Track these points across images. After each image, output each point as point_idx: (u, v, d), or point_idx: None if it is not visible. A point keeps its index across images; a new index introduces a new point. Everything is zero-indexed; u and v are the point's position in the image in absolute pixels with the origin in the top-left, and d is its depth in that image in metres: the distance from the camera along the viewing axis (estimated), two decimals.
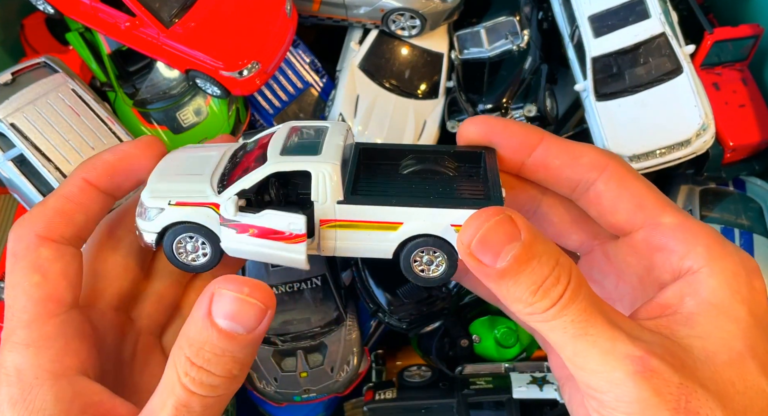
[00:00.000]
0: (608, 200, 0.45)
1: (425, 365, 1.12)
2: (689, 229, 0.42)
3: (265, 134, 0.47)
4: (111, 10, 0.58)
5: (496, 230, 0.38)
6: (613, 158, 0.46)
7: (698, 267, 0.40)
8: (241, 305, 0.39)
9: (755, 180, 1.10)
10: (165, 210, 0.43)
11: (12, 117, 0.93)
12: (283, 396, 1.07)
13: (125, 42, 0.61)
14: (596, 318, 0.37)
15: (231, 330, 0.39)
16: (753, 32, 1.04)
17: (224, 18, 0.54)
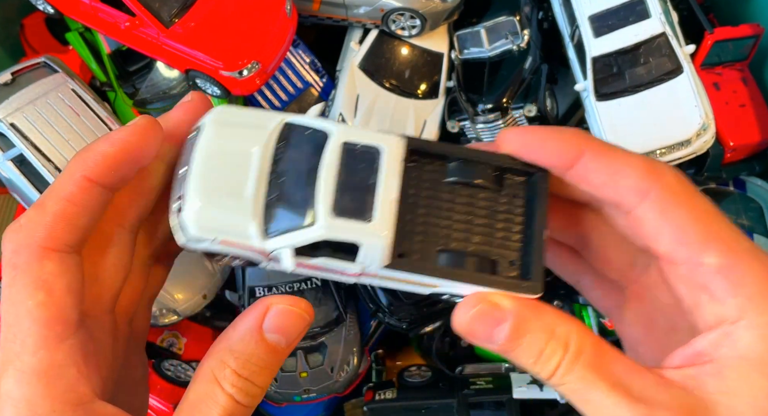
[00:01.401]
0: (648, 229, 0.41)
1: (425, 365, 1.12)
2: (734, 272, 0.38)
3: (312, 128, 0.42)
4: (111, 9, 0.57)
5: (481, 320, 0.40)
6: (660, 178, 0.41)
7: (737, 318, 0.38)
8: (292, 318, 0.41)
9: (755, 180, 1.10)
10: (209, 242, 0.42)
11: (12, 117, 0.93)
12: (283, 396, 1.07)
13: (125, 42, 0.60)
14: (597, 383, 0.37)
15: (276, 343, 0.40)
16: (753, 32, 1.04)
17: (224, 18, 0.53)
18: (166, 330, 1.13)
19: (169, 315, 1.01)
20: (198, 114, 0.46)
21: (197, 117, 0.45)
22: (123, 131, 0.42)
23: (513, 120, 1.09)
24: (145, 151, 0.42)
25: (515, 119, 1.09)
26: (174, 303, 1.00)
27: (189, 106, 0.46)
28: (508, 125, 1.09)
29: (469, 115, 1.09)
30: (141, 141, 0.42)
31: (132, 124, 0.43)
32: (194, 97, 0.47)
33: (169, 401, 1.04)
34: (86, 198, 0.40)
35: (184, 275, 1.02)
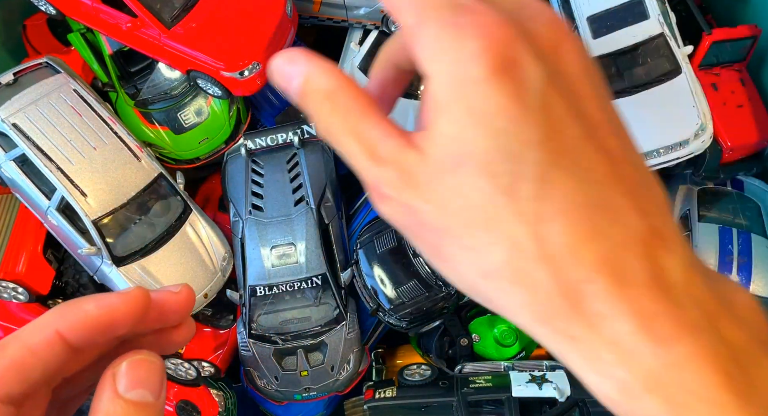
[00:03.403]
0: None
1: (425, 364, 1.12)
2: (422, 23, 0.36)
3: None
4: (112, 11, 0.57)
5: (277, 75, 0.39)
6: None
7: (428, 72, 0.37)
8: (146, 368, 0.38)
9: (753, 180, 1.11)
10: None
11: (14, 117, 0.93)
12: (284, 395, 1.08)
13: (126, 42, 0.61)
14: (348, 148, 0.38)
15: (141, 399, 0.37)
16: (751, 33, 1.04)
17: (225, 19, 0.54)
18: None
19: None
20: (183, 312, 0.43)
21: (180, 313, 0.43)
22: (115, 297, 0.40)
23: None
24: (126, 319, 0.40)
25: None
26: None
27: (178, 299, 0.43)
28: None
29: None
30: (128, 312, 0.40)
31: (126, 293, 0.41)
32: (186, 293, 0.43)
33: (171, 399, 1.05)
34: (48, 353, 0.38)
35: (185, 275, 1.02)
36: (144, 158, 1.00)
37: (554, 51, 0.36)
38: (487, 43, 0.34)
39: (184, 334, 0.44)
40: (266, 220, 1.07)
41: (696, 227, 1.05)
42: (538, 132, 0.34)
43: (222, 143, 1.10)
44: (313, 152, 1.11)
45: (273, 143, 1.11)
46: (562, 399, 0.98)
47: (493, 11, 0.35)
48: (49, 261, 1.07)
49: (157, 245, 1.01)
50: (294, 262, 1.05)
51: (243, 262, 1.07)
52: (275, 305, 1.06)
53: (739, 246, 1.02)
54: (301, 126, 1.11)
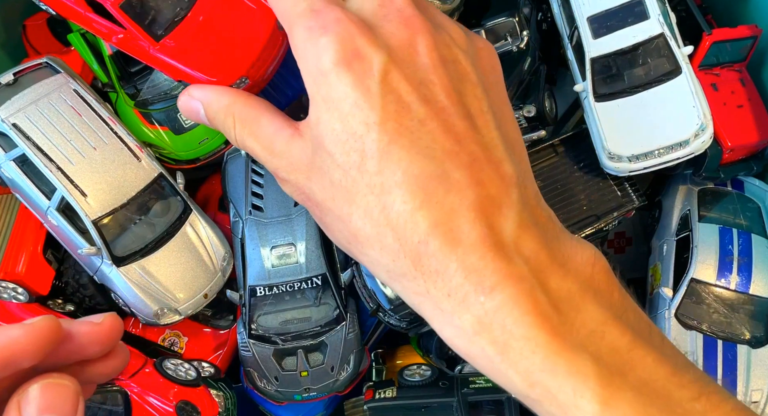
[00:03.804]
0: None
1: (425, 364, 1.12)
2: (290, 32, 0.44)
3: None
4: (104, 21, 0.57)
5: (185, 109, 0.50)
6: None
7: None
8: (54, 391, 0.36)
9: (753, 180, 1.11)
10: None
11: (14, 117, 0.93)
12: (284, 395, 1.08)
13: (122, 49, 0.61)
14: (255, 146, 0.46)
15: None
16: (751, 33, 1.04)
17: (214, 32, 0.54)
18: (167, 330, 1.14)
19: (170, 314, 1.02)
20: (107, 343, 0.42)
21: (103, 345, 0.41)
22: (17, 329, 0.37)
23: None
24: (32, 356, 0.37)
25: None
26: (175, 303, 1.01)
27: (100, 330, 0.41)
28: None
29: None
30: (31, 344, 0.37)
31: (30, 324, 0.38)
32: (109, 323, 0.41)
33: (170, 400, 1.05)
34: None
35: (185, 275, 1.02)
36: (144, 158, 1.00)
37: (407, 45, 0.41)
38: (331, 38, 0.40)
39: (113, 364, 0.43)
40: (266, 220, 1.06)
41: (696, 227, 1.05)
42: (377, 114, 0.38)
43: (222, 143, 1.10)
44: None
45: None
46: None
47: (340, 12, 0.41)
48: (49, 261, 1.07)
49: (157, 246, 1.01)
50: (294, 262, 1.05)
51: (243, 262, 1.07)
52: (275, 306, 1.06)
53: (740, 246, 1.02)
54: None
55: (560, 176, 1.09)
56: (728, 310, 0.99)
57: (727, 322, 0.98)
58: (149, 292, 0.99)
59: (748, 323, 0.98)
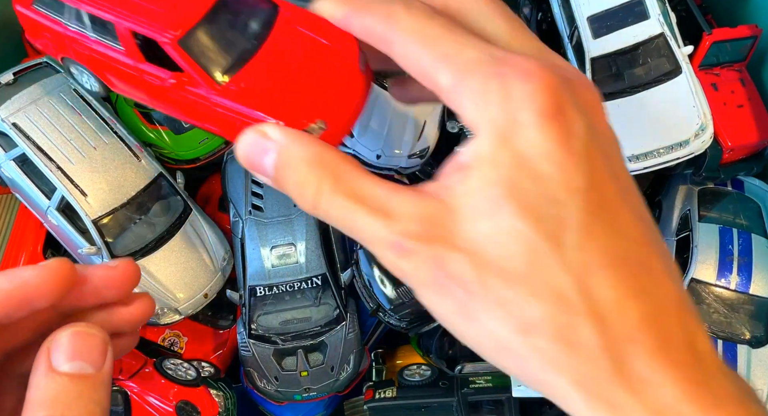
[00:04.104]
0: (406, 67, 0.40)
1: (425, 364, 1.12)
2: (462, 84, 0.36)
3: None
4: (155, 67, 0.47)
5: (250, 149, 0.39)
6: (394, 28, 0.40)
7: (476, 122, 0.36)
8: (83, 338, 0.36)
9: (753, 180, 1.11)
10: None
11: (14, 117, 0.93)
12: (284, 395, 1.08)
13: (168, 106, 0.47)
14: (357, 210, 0.36)
15: (80, 371, 0.35)
16: (751, 33, 1.04)
17: (285, 73, 0.43)
18: (167, 329, 1.14)
19: (171, 314, 1.01)
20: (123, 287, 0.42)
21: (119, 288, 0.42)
22: (30, 269, 0.39)
23: None
24: (42, 292, 0.38)
25: None
26: (175, 303, 1.01)
27: (114, 274, 0.42)
28: None
29: None
30: (40, 283, 0.38)
31: (44, 265, 0.39)
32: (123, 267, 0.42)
33: (170, 400, 1.05)
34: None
35: (185, 275, 1.02)
36: (144, 158, 1.00)
37: (591, 109, 0.35)
38: (535, 87, 0.34)
39: (137, 312, 0.43)
40: (266, 220, 1.06)
41: (696, 227, 1.05)
42: (583, 180, 0.33)
43: (222, 143, 1.10)
44: None
45: None
46: None
47: (534, 60, 0.35)
48: None
49: (157, 245, 1.01)
50: (294, 262, 1.05)
51: (243, 262, 1.07)
52: (275, 306, 1.06)
53: (740, 246, 1.01)
54: None
55: None
56: (728, 310, 0.99)
57: (727, 322, 0.98)
58: (149, 292, 0.99)
59: (748, 323, 0.98)
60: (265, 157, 0.38)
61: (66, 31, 0.48)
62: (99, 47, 0.46)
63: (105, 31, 0.46)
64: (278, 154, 0.38)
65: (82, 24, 0.47)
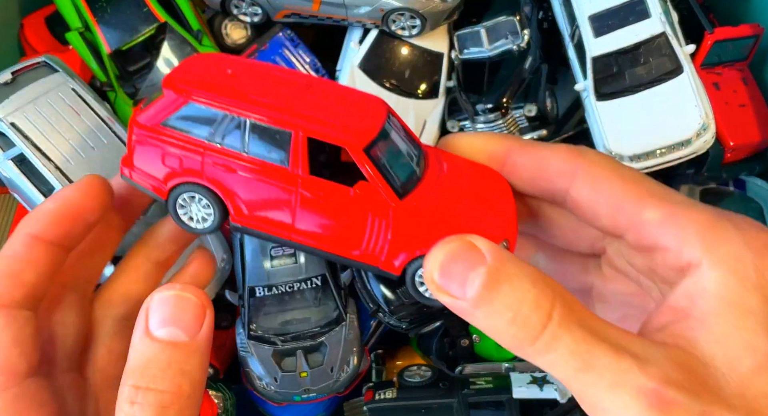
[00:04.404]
0: (586, 207, 0.41)
1: (425, 365, 1.12)
2: (675, 220, 0.37)
3: None
4: (328, 183, 0.42)
5: (456, 257, 0.35)
6: (582, 159, 0.41)
7: (698, 260, 0.35)
8: (177, 303, 0.37)
9: (755, 180, 1.10)
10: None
11: (12, 116, 0.93)
12: (283, 396, 1.07)
13: (315, 226, 0.43)
14: (598, 345, 0.32)
15: (172, 338, 0.36)
16: (753, 32, 1.04)
17: (458, 196, 0.42)
18: None
19: None
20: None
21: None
22: (67, 188, 0.42)
23: (513, 120, 1.09)
24: (89, 207, 0.41)
25: (515, 119, 1.09)
26: None
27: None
28: (509, 125, 1.09)
29: (469, 115, 1.09)
30: (83, 197, 0.41)
31: (77, 181, 0.43)
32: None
33: None
34: (30, 254, 0.41)
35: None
36: None
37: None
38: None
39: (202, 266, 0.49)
40: None
41: None
42: None
43: None
44: None
45: None
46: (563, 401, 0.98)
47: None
48: None
49: None
50: (293, 263, 1.05)
51: (242, 263, 1.06)
52: (274, 306, 1.06)
53: None
54: None
55: None
56: None
57: None
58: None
59: None
60: (472, 271, 0.34)
61: (207, 151, 0.41)
62: (250, 165, 0.41)
63: (268, 145, 0.41)
64: (491, 269, 0.34)
65: (236, 140, 0.41)
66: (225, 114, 0.41)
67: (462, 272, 0.34)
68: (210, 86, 0.41)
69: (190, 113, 0.41)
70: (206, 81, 0.41)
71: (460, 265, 0.34)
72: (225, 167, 0.41)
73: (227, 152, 0.41)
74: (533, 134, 1.08)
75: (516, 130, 1.09)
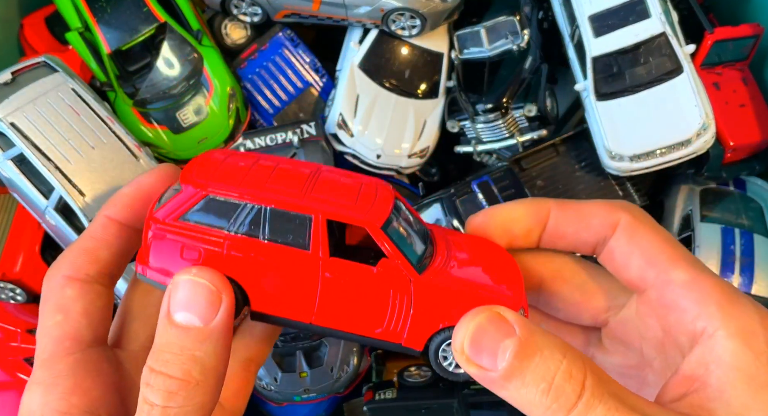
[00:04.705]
0: (620, 256, 0.43)
1: (425, 365, 1.11)
2: (700, 285, 0.39)
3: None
4: (352, 263, 0.43)
5: (486, 328, 0.35)
6: (624, 211, 0.44)
7: (713, 329, 0.38)
8: (191, 288, 0.38)
9: (756, 180, 1.10)
10: None
11: (12, 116, 0.93)
12: (284, 396, 1.07)
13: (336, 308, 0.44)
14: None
15: (187, 323, 0.37)
16: (753, 32, 1.04)
17: (470, 270, 0.45)
18: None
19: None
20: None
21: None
22: (143, 174, 0.45)
23: (513, 120, 1.09)
24: (159, 190, 0.44)
25: (515, 119, 1.09)
26: None
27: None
28: (509, 125, 1.09)
29: (469, 115, 1.09)
30: (155, 183, 0.44)
31: (153, 168, 0.46)
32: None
33: None
34: (105, 234, 0.44)
35: None
36: (142, 158, 1.00)
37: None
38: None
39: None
40: None
41: (698, 227, 1.04)
42: None
43: (221, 142, 1.10)
44: (312, 152, 1.10)
45: (272, 143, 1.10)
46: None
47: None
48: (47, 262, 1.06)
49: None
50: None
51: None
52: None
53: (742, 246, 1.01)
54: (301, 126, 1.10)
55: (561, 176, 1.08)
56: None
57: None
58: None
59: None
60: (503, 342, 0.34)
61: (227, 242, 0.42)
62: (270, 251, 0.42)
63: (287, 231, 0.42)
64: (521, 340, 0.34)
65: (255, 228, 0.42)
66: (245, 204, 0.42)
67: (492, 344, 0.35)
68: (227, 179, 0.42)
69: (209, 206, 0.42)
70: (222, 175, 0.43)
71: (489, 337, 0.35)
72: (245, 255, 0.42)
73: (247, 241, 0.42)
74: (533, 134, 1.08)
75: (516, 130, 1.09)
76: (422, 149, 1.12)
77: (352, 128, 1.09)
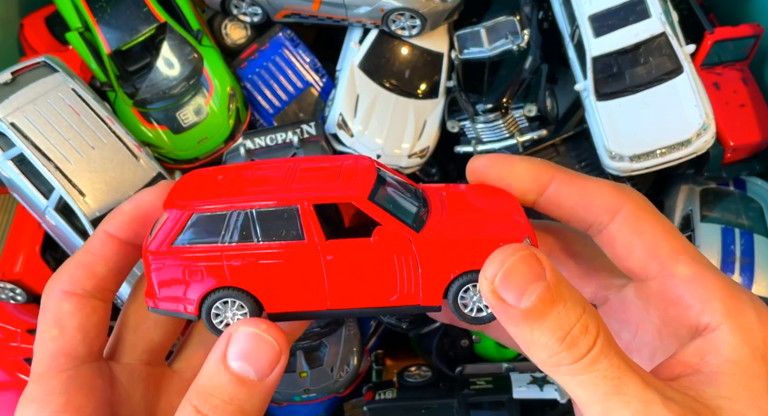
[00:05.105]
0: (621, 245, 0.43)
1: (425, 365, 1.12)
2: (704, 281, 0.40)
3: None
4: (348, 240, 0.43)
5: (520, 266, 0.36)
6: (628, 199, 0.43)
7: (717, 324, 0.39)
8: (256, 342, 0.38)
9: (756, 180, 1.10)
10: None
11: (12, 116, 0.93)
12: (283, 396, 1.07)
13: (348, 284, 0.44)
14: (630, 375, 0.35)
15: (243, 374, 0.38)
16: (753, 32, 1.04)
17: (470, 215, 0.45)
18: None
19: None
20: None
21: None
22: (145, 191, 0.46)
23: (513, 120, 1.09)
24: (159, 207, 0.44)
25: (515, 119, 1.09)
26: None
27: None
28: (509, 125, 1.08)
29: (469, 115, 1.09)
30: (155, 200, 0.44)
31: (155, 185, 0.46)
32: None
33: None
34: (104, 249, 0.45)
35: None
36: (143, 158, 1.00)
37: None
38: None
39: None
40: None
41: (698, 227, 1.04)
42: None
43: (221, 142, 1.10)
44: (312, 152, 1.10)
45: (272, 143, 1.10)
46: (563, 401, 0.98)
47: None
48: (47, 262, 1.06)
49: None
50: None
51: None
52: None
53: (742, 246, 1.01)
54: (301, 126, 1.10)
55: None
56: None
57: None
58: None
59: None
60: (533, 283, 0.35)
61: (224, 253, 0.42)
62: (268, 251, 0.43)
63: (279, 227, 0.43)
64: (550, 286, 0.35)
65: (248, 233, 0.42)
66: (230, 213, 0.43)
67: (521, 282, 0.36)
68: (208, 194, 0.43)
69: (197, 224, 0.43)
70: (202, 191, 0.44)
71: (521, 275, 0.36)
72: (245, 261, 0.43)
73: (243, 247, 0.43)
74: (533, 134, 1.08)
75: (516, 130, 1.09)
76: (422, 149, 1.12)
77: (352, 128, 1.09)
